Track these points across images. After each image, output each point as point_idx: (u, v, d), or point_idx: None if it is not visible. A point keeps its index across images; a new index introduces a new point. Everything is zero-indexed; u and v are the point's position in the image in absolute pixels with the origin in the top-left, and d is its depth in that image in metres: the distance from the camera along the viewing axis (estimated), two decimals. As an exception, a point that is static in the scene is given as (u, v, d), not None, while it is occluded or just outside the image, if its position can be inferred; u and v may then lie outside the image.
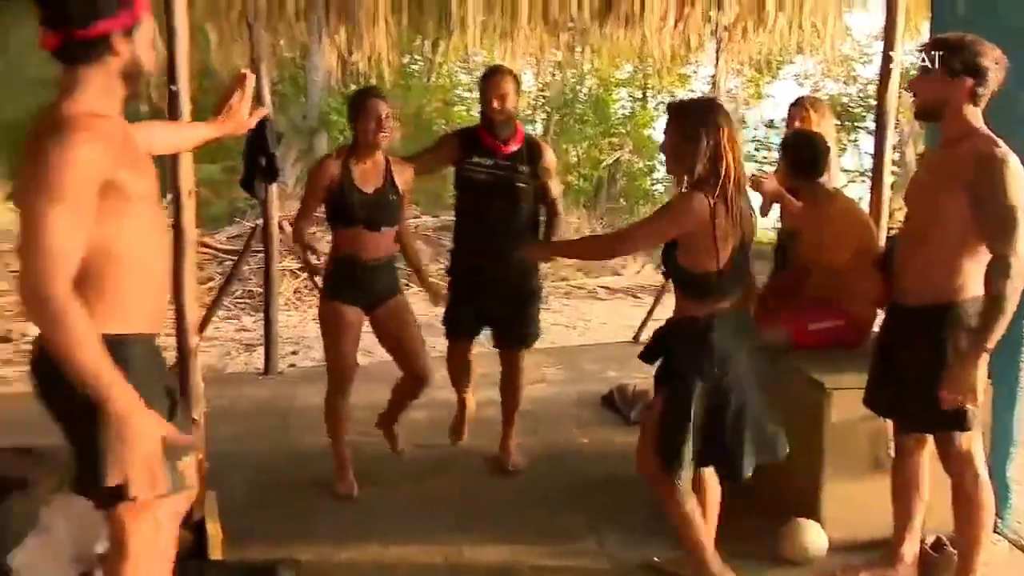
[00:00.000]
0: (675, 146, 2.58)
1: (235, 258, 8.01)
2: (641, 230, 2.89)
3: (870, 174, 4.12)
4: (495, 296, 3.64)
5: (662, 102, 13.99)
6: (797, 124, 4.03)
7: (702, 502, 2.77)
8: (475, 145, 3.60)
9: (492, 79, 3.57)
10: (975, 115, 2.51)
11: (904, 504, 2.85)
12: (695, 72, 13.61)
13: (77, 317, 1.71)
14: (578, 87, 13.15)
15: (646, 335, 6.39)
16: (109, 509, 1.94)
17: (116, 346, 1.81)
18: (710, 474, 2.79)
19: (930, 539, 2.98)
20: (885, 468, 2.93)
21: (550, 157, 3.72)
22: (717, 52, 5.96)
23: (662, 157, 2.74)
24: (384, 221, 3.37)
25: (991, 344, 2.43)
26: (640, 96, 14.42)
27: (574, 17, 5.49)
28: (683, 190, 2.59)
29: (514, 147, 3.58)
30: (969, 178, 2.43)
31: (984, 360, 2.45)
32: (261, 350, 5.79)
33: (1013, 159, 2.42)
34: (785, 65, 13.56)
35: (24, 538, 2.68)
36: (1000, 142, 2.46)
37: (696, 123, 2.52)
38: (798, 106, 4.13)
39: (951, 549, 2.93)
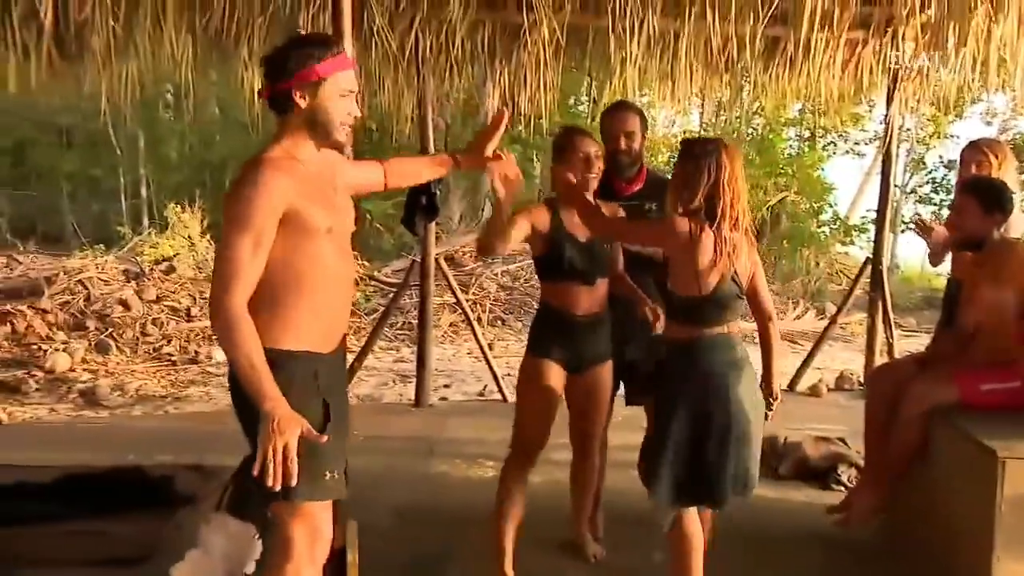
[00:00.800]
0: (676, 177, 2.68)
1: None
2: (631, 229, 3.04)
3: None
4: (634, 346, 3.27)
5: (832, 142, 13.42)
6: (974, 169, 3.72)
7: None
8: (603, 189, 3.23)
9: (616, 115, 3.32)
10: None
11: None
12: (869, 111, 12.98)
13: (245, 329, 1.97)
14: (743, 127, 12.82)
15: (803, 384, 6.09)
16: (268, 511, 2.16)
17: (283, 360, 2.05)
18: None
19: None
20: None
21: None
22: (891, 91, 5.64)
23: (830, 199, 2.70)
24: (600, 272, 3.02)
25: None
26: (808, 136, 13.89)
27: (735, 59, 5.34)
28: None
29: (637, 186, 3.34)
30: None
31: None
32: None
33: None
34: (973, 103, 12.67)
35: (186, 552, 2.81)
36: None
37: (699, 158, 2.59)
38: (974, 149, 3.79)
39: None
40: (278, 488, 1.96)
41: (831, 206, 12.52)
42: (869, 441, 3.54)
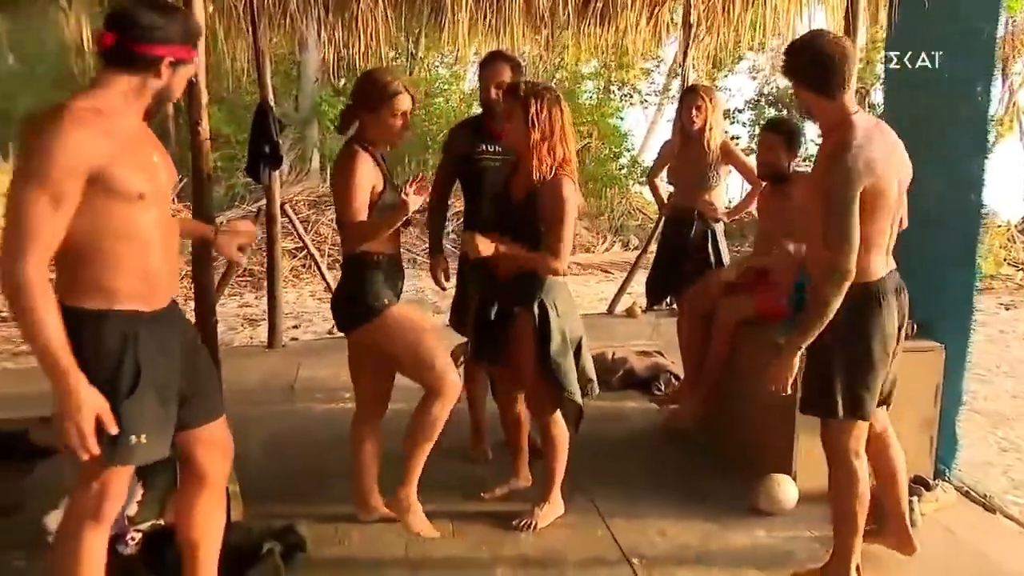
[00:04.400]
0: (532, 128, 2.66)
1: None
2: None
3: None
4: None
5: (628, 94, 13.97)
6: (693, 111, 3.97)
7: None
8: (480, 133, 3.29)
9: (491, 66, 3.27)
10: (833, 107, 2.28)
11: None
12: (657, 67, 13.61)
13: (37, 296, 1.71)
14: (552, 80, 13.05)
15: (620, 307, 6.42)
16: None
17: (90, 320, 1.83)
18: None
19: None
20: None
21: None
22: (686, 47, 5.92)
23: (626, 144, 2.79)
24: None
25: None
26: (603, 88, 14.33)
27: (550, 15, 5.44)
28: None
29: None
30: (820, 176, 2.29)
31: None
32: (264, 325, 5.72)
33: (848, 152, 2.18)
34: (738, 60, 13.51)
35: (59, 501, 2.62)
36: (850, 132, 2.21)
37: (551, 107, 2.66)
38: (693, 94, 4.04)
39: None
40: (85, 458, 1.83)
41: (628, 151, 13.06)
42: (687, 352, 3.81)
